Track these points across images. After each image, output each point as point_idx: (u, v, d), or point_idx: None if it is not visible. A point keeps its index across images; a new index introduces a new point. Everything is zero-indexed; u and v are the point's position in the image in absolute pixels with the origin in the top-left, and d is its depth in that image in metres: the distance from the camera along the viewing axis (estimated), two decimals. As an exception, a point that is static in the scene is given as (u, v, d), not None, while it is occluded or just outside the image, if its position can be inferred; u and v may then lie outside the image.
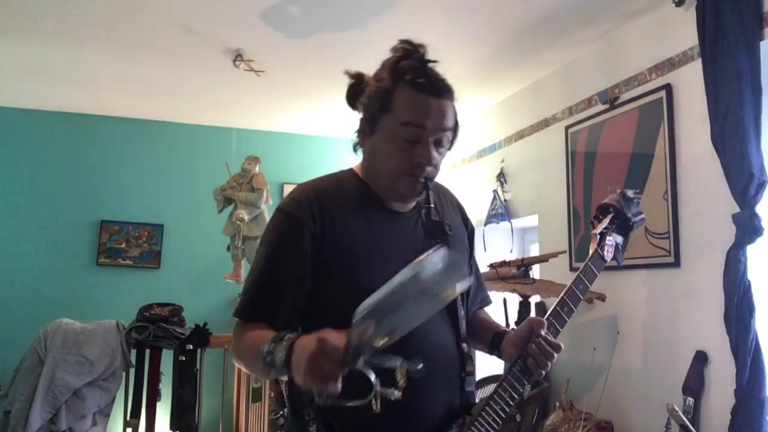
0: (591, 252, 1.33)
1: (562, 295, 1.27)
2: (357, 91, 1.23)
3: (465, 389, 1.20)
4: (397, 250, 1.15)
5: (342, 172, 1.29)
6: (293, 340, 0.96)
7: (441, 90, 1.17)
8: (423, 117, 1.13)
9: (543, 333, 1.19)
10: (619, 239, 1.33)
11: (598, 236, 1.31)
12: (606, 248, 1.30)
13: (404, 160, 1.14)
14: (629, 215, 1.29)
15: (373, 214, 1.19)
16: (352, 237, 1.14)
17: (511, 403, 1.14)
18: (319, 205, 1.16)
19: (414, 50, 1.18)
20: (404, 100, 1.14)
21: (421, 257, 0.83)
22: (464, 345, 1.22)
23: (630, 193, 1.35)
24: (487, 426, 1.11)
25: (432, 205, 1.18)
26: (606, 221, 1.34)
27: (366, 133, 1.21)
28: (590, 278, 1.30)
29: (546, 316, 1.25)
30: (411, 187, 1.16)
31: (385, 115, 1.15)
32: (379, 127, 1.17)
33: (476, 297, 1.40)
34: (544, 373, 1.19)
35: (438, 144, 1.16)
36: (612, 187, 1.34)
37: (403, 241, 1.19)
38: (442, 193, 1.35)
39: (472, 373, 1.23)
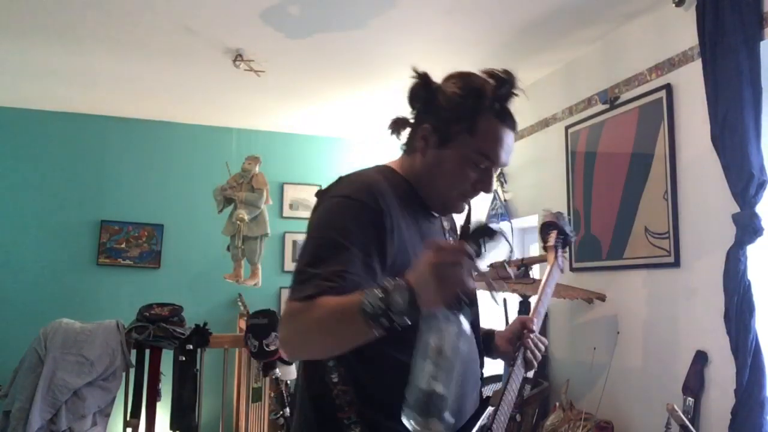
0: (551, 264, 1.46)
1: (536, 304, 1.40)
2: (423, 92, 1.19)
3: (481, 390, 1.27)
4: None
5: (383, 168, 1.23)
6: (399, 281, 0.89)
7: (515, 125, 1.19)
8: (499, 151, 1.15)
9: (534, 328, 1.28)
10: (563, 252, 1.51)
11: (554, 248, 1.44)
12: (560, 259, 1.44)
13: (468, 184, 1.17)
14: (567, 231, 1.43)
15: (418, 216, 1.20)
16: (402, 235, 1.12)
17: (518, 392, 1.21)
18: (386, 199, 1.11)
19: (511, 81, 1.15)
20: (488, 128, 1.14)
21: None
22: (478, 349, 1.28)
23: (564, 214, 1.54)
24: (504, 415, 1.14)
25: (470, 224, 1.19)
26: (554, 235, 1.47)
27: (431, 142, 1.17)
28: (552, 287, 1.43)
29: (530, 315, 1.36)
30: (461, 207, 1.23)
31: (465, 135, 1.14)
32: (454, 144, 1.15)
33: None
34: (533, 367, 1.27)
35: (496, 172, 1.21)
36: (545, 209, 1.54)
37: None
38: None
39: (483, 376, 1.29)
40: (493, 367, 3.70)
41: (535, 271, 3.23)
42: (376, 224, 1.06)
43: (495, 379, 3.48)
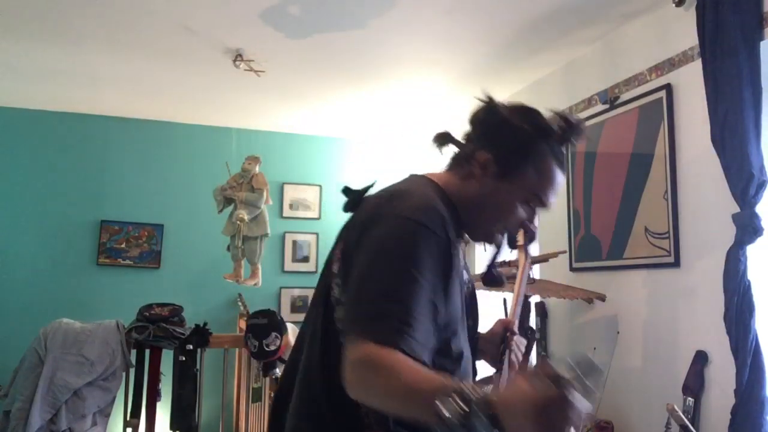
0: (522, 264, 1.47)
1: (512, 305, 1.41)
2: (488, 118, 1.17)
3: None
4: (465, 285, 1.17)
5: (432, 185, 1.17)
6: (485, 399, 0.79)
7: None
8: (553, 196, 1.16)
9: (515, 329, 1.30)
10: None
11: (524, 247, 1.43)
12: (529, 258, 1.46)
13: (515, 221, 1.16)
14: (533, 229, 1.33)
15: (459, 247, 1.14)
16: (458, 265, 1.08)
17: None
18: (450, 230, 1.06)
19: (579, 129, 1.15)
20: (549, 171, 1.13)
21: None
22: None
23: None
24: None
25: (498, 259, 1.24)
26: (521, 234, 1.40)
27: (491, 172, 1.13)
28: (525, 287, 1.47)
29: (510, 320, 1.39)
30: (500, 240, 1.20)
31: (531, 174, 1.12)
32: (515, 179, 1.12)
33: None
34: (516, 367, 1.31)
35: None
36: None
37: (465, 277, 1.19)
38: None
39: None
40: (492, 368, 3.69)
41: (536, 271, 3.23)
42: (445, 257, 1.02)
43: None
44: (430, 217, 1.03)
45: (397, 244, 1.01)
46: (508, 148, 1.12)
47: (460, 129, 1.28)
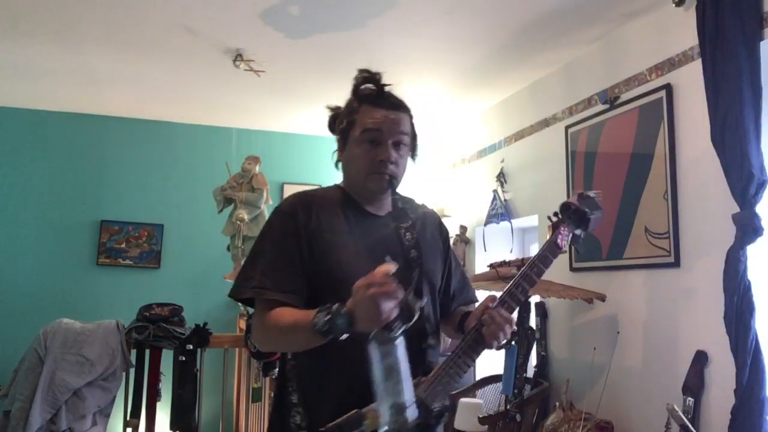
0: (547, 239, 1.46)
1: (517, 276, 1.39)
2: (331, 122, 1.51)
3: (426, 360, 1.36)
4: (371, 244, 1.37)
5: (329, 186, 1.52)
6: (342, 305, 1.14)
7: (394, 104, 1.42)
8: (380, 124, 1.37)
9: (492, 305, 1.33)
10: (578, 231, 1.48)
11: (552, 227, 1.46)
12: (560, 236, 1.43)
13: (369, 159, 1.37)
14: (585, 209, 1.44)
15: (352, 215, 1.41)
16: (332, 231, 1.36)
17: (465, 368, 1.30)
18: (308, 205, 1.38)
19: (371, 77, 1.44)
20: (365, 114, 1.40)
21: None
22: (427, 325, 1.39)
23: (591, 193, 1.52)
24: (441, 387, 1.27)
25: (397, 197, 1.43)
26: (560, 216, 1.49)
27: (341, 149, 1.46)
28: (545, 262, 1.42)
29: (501, 294, 1.37)
30: (378, 183, 1.38)
31: (351, 129, 1.41)
32: (349, 141, 1.42)
33: (460, 294, 1.58)
34: (497, 343, 1.32)
35: (396, 146, 1.39)
36: (577, 191, 1.55)
37: (377, 237, 1.40)
38: (416, 207, 1.54)
39: (433, 346, 1.38)
40: (492, 367, 3.70)
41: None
42: (290, 224, 1.35)
43: (494, 379, 3.48)
44: (284, 202, 1.42)
45: (262, 231, 1.42)
46: (340, 128, 1.45)
47: (460, 129, 1.28)
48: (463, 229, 4.28)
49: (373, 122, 1.38)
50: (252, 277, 1.32)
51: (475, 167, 4.30)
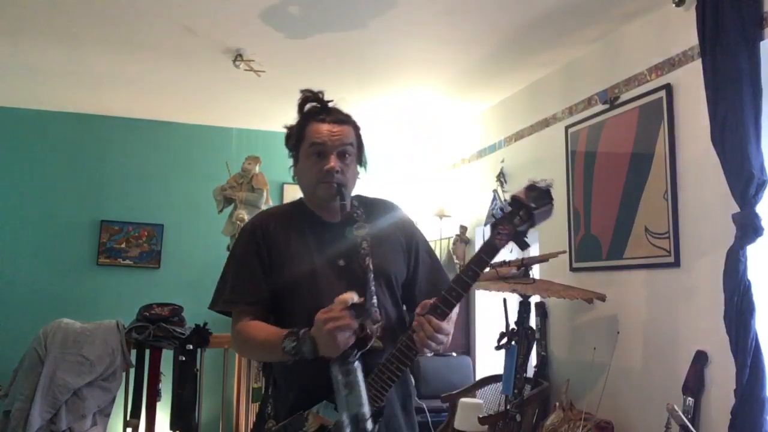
0: (485, 240, 1.43)
1: (450, 281, 1.39)
2: (286, 142, 1.61)
3: (366, 362, 1.38)
4: (325, 250, 1.50)
5: (294, 200, 1.65)
6: (307, 332, 1.29)
7: (338, 119, 1.53)
8: (323, 137, 1.49)
9: (419, 311, 1.37)
10: (522, 227, 1.43)
11: (491, 226, 1.43)
12: (498, 237, 1.39)
13: (316, 170, 1.49)
14: (530, 204, 1.40)
15: (307, 226, 1.55)
16: (287, 242, 1.52)
17: (399, 373, 1.35)
18: (266, 222, 1.56)
19: (314, 96, 1.56)
20: (310, 129, 1.51)
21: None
22: (368, 328, 1.42)
23: (541, 183, 1.40)
24: (375, 391, 1.34)
25: (345, 202, 1.50)
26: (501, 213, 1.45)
27: (295, 164, 1.58)
28: (480, 265, 1.38)
29: (433, 300, 1.37)
30: (327, 191, 1.49)
31: (300, 144, 1.53)
32: (299, 155, 1.54)
33: (428, 289, 1.60)
34: (428, 349, 1.35)
35: (342, 156, 1.50)
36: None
37: (331, 243, 1.52)
38: (377, 209, 1.62)
39: (377, 349, 1.41)
40: (492, 367, 3.69)
41: (535, 271, 3.23)
42: (251, 241, 1.52)
43: (494, 379, 3.48)
44: (249, 221, 1.64)
45: (231, 250, 1.60)
46: (290, 142, 1.58)
47: (460, 129, 1.28)
48: (463, 229, 4.28)
49: (318, 136, 1.50)
50: (223, 290, 1.52)
51: (475, 167, 4.30)
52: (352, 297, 1.26)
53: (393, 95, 3.91)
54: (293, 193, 4.80)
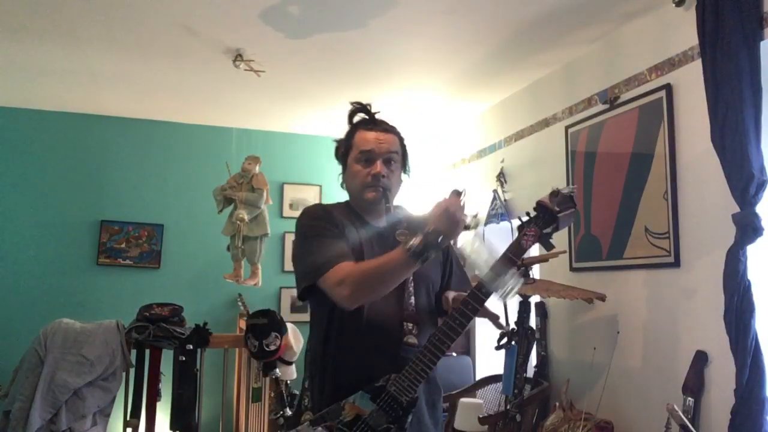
0: (513, 240, 1.51)
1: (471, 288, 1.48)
2: (336, 153, 1.73)
3: (401, 356, 1.51)
4: (372, 249, 1.60)
5: (339, 202, 1.75)
6: (423, 224, 1.40)
7: (384, 128, 1.67)
8: (371, 144, 1.63)
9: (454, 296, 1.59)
10: (548, 229, 1.50)
11: (519, 228, 1.51)
12: (525, 238, 1.46)
13: (364, 175, 1.62)
14: (555, 208, 1.47)
15: (359, 226, 1.65)
16: (349, 236, 1.60)
17: (431, 366, 1.42)
18: (329, 209, 1.67)
19: (363, 107, 1.70)
20: (358, 138, 1.66)
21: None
22: (407, 324, 1.57)
23: (565, 189, 1.49)
24: (408, 382, 1.43)
25: (390, 204, 1.62)
26: (527, 217, 1.53)
27: (344, 171, 1.70)
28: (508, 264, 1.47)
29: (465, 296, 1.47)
30: (373, 195, 1.61)
31: (349, 152, 1.66)
32: (348, 163, 1.67)
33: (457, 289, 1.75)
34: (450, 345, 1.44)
35: (387, 163, 1.63)
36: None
37: (378, 244, 1.62)
38: (421, 222, 1.64)
39: (412, 345, 1.53)
40: (492, 367, 3.70)
41: (535, 271, 3.23)
42: (322, 218, 1.62)
43: (494, 379, 3.48)
44: (312, 207, 1.71)
45: (303, 230, 1.65)
46: (339, 152, 1.72)
47: (460, 129, 1.29)
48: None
49: (366, 144, 1.63)
50: (317, 258, 1.52)
51: (475, 167, 4.30)
52: (460, 189, 1.42)
53: (393, 95, 3.91)
54: (293, 193, 4.82)
